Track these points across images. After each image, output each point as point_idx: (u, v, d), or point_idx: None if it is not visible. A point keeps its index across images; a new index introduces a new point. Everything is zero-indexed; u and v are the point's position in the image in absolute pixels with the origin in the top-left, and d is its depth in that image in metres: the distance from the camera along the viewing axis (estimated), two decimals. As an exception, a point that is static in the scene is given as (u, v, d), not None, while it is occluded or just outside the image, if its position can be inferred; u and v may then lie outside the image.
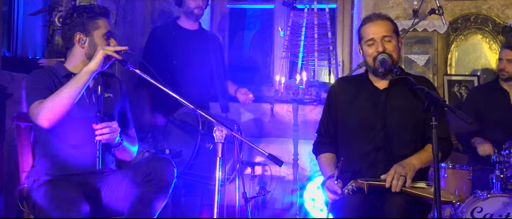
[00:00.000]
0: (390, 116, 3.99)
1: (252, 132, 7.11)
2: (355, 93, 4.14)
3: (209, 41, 6.04)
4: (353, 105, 4.11)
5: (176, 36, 5.96)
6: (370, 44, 4.02)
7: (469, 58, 6.87)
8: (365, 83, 4.16)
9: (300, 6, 6.67)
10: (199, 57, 5.98)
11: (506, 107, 5.90)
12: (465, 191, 5.42)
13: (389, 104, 4.02)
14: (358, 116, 4.08)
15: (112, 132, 3.82)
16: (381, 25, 4.03)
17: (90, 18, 3.97)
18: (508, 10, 6.82)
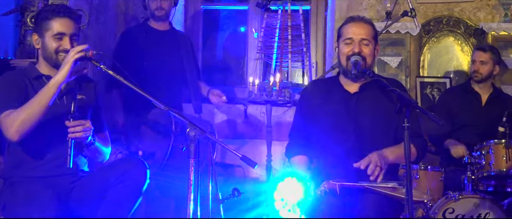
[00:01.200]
0: (361, 119, 4.00)
1: (226, 133, 7.10)
2: (327, 97, 4.14)
3: (180, 42, 6.03)
4: (325, 108, 4.11)
5: (147, 37, 5.95)
6: (347, 43, 4.03)
7: (441, 60, 6.92)
8: (336, 86, 4.17)
9: (274, 7, 6.67)
10: (170, 58, 5.96)
11: (478, 109, 5.94)
12: (437, 192, 5.45)
13: (360, 108, 4.03)
14: (330, 119, 4.08)
15: (85, 130, 3.78)
16: (362, 28, 4.05)
17: (44, 18, 3.90)
18: (480, 12, 6.88)
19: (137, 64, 5.77)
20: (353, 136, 3.98)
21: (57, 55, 3.89)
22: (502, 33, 6.57)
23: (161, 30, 6.00)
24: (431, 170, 5.51)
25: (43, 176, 3.88)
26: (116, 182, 3.79)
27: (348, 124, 4.02)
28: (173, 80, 5.97)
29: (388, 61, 6.79)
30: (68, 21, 3.91)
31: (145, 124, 5.12)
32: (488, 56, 5.88)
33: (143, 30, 6.00)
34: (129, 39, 5.97)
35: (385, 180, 3.80)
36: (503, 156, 5.28)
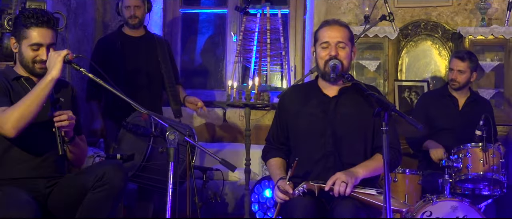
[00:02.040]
0: (339, 123, 4.00)
1: (205, 136, 7.09)
2: (305, 101, 4.14)
3: (156, 46, 6.03)
4: (303, 113, 4.11)
5: (122, 44, 5.95)
6: (324, 47, 4.03)
7: (419, 64, 6.96)
8: (315, 90, 4.17)
9: (253, 11, 6.68)
10: (147, 63, 5.96)
11: (455, 113, 5.98)
12: (415, 195, 5.48)
13: (339, 112, 4.03)
14: (307, 123, 4.08)
15: (70, 118, 3.77)
16: (338, 31, 4.05)
17: (22, 25, 3.87)
18: (457, 17, 6.93)
19: (114, 72, 5.76)
20: (331, 140, 3.98)
21: (34, 65, 3.89)
22: (479, 37, 6.61)
23: (136, 37, 6.01)
24: (409, 173, 5.53)
25: (20, 177, 3.85)
26: (94, 186, 3.77)
27: (326, 128, 4.01)
28: (151, 85, 5.97)
29: (366, 65, 6.82)
30: (45, 31, 3.88)
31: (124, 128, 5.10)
32: (466, 65, 5.90)
33: (118, 37, 6.00)
34: (105, 48, 5.98)
35: (364, 186, 3.82)
36: (480, 159, 5.32)
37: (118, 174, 3.81)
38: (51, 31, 3.90)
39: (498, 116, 6.39)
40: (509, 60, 6.65)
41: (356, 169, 3.87)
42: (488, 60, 6.72)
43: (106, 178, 3.77)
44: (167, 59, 6.05)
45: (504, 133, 6.49)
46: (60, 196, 3.89)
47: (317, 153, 4.01)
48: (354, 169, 3.87)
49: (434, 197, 5.17)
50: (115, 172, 3.80)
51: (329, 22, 4.10)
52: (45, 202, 3.89)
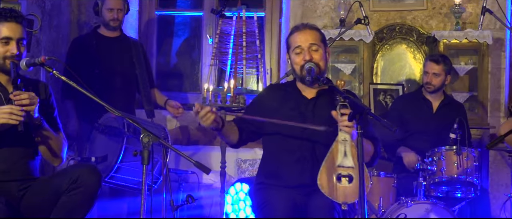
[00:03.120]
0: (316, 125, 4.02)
1: (180, 139, 7.07)
2: (283, 102, 4.15)
3: (131, 48, 6.02)
4: (280, 113, 4.10)
5: (97, 45, 5.93)
6: (298, 53, 4.05)
7: (394, 68, 7.00)
8: (293, 91, 4.19)
9: (229, 14, 6.67)
10: (122, 65, 5.95)
11: (429, 116, 6.02)
12: (390, 198, 5.51)
13: (316, 114, 4.05)
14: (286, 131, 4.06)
15: (31, 98, 3.73)
16: (308, 34, 4.07)
17: None
18: (432, 20, 6.97)
19: (89, 72, 5.74)
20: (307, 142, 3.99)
21: (4, 61, 3.86)
22: (453, 41, 6.66)
23: (112, 37, 6.00)
24: (383, 176, 5.56)
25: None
26: (68, 189, 3.74)
27: (302, 129, 4.01)
28: (125, 87, 5.96)
29: (342, 68, 6.84)
30: (15, 26, 3.87)
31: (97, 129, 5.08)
32: (440, 68, 5.94)
33: (93, 38, 5.98)
34: (79, 48, 5.96)
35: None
36: (454, 162, 5.37)
37: (92, 177, 3.79)
38: (20, 26, 3.90)
39: (472, 119, 6.44)
40: (482, 64, 6.70)
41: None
42: (462, 64, 6.76)
43: (81, 180, 3.74)
44: (141, 61, 6.04)
45: (478, 136, 6.54)
46: (33, 199, 3.86)
47: (293, 155, 4.02)
48: None
49: (409, 200, 5.21)
50: (89, 175, 3.78)
51: (299, 27, 4.14)
52: (18, 205, 3.86)
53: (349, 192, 3.65)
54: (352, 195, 3.64)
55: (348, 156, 3.69)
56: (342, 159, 3.70)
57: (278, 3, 7.30)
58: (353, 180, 3.66)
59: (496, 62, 6.88)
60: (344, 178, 3.67)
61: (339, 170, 3.70)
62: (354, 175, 3.65)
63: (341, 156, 3.70)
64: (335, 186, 3.66)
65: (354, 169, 3.66)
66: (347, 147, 3.69)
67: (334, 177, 3.69)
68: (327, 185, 3.69)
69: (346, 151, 3.69)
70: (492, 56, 6.83)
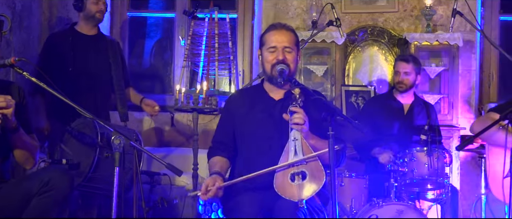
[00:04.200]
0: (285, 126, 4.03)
1: (153, 141, 7.05)
2: (252, 105, 4.18)
3: (108, 47, 5.96)
4: (249, 117, 4.14)
5: (74, 42, 5.85)
6: (272, 51, 4.07)
7: (366, 69, 7.03)
8: (261, 94, 4.22)
9: (201, 15, 6.66)
10: (98, 64, 5.89)
11: (401, 118, 6.06)
12: (362, 199, 5.53)
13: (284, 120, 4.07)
14: (254, 127, 4.12)
15: (7, 101, 3.71)
16: (285, 35, 4.09)
17: None
18: (403, 23, 7.02)
19: (63, 69, 5.69)
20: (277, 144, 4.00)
21: None
22: (424, 43, 6.71)
23: (89, 35, 5.93)
24: (355, 178, 5.59)
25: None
26: (39, 192, 3.73)
27: (272, 132, 4.05)
28: (100, 87, 5.90)
29: (314, 70, 6.86)
30: None
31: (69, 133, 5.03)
32: (410, 67, 6.01)
33: (70, 35, 5.90)
34: (55, 44, 5.87)
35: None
36: (425, 163, 5.41)
37: (63, 180, 3.78)
38: None
39: (443, 121, 6.50)
40: (453, 66, 6.76)
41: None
42: (433, 65, 6.81)
43: (52, 183, 3.73)
44: (118, 61, 5.99)
45: (449, 137, 6.59)
46: (3, 202, 3.84)
47: (264, 157, 4.02)
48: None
49: (380, 201, 5.24)
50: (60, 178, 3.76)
51: (276, 26, 4.14)
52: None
53: (304, 189, 3.64)
54: (307, 191, 3.63)
55: (299, 153, 3.70)
56: (293, 158, 3.71)
57: (250, 5, 7.31)
58: (307, 176, 3.66)
59: (466, 64, 6.95)
60: (297, 176, 3.68)
61: (291, 169, 3.71)
62: (307, 171, 3.66)
63: (292, 155, 3.72)
64: (289, 185, 3.66)
65: (306, 164, 3.67)
66: (298, 145, 3.70)
67: (288, 177, 3.69)
68: (282, 187, 3.69)
69: (296, 149, 3.70)
70: (463, 58, 6.89)
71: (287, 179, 3.68)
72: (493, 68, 7.14)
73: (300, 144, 3.70)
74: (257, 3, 7.23)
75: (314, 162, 3.67)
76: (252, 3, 7.29)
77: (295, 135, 3.72)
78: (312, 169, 3.65)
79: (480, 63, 7.11)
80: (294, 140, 3.72)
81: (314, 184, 3.62)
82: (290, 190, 3.64)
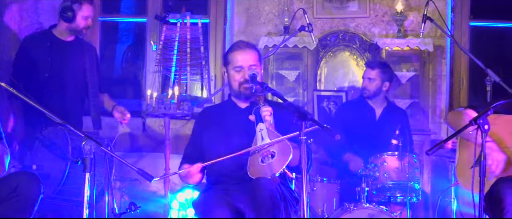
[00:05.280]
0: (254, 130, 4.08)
1: (124, 146, 7.01)
2: (220, 119, 4.36)
3: (85, 52, 5.93)
4: (219, 131, 4.30)
5: (51, 47, 5.80)
6: (238, 71, 4.25)
7: (337, 74, 7.05)
8: (228, 105, 4.43)
9: (173, 20, 6.64)
10: (74, 70, 5.85)
11: (372, 123, 6.09)
12: (334, 204, 5.55)
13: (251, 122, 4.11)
14: (224, 139, 4.25)
15: None
16: (249, 55, 4.28)
17: None
18: (375, 28, 7.06)
19: (39, 74, 5.64)
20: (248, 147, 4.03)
21: None
22: (395, 48, 6.75)
23: (67, 41, 5.87)
24: (327, 182, 5.61)
25: None
26: (8, 197, 3.70)
27: (241, 141, 4.14)
28: (75, 93, 5.87)
29: (286, 75, 6.87)
30: None
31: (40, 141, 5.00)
32: (375, 73, 6.05)
33: (47, 39, 5.83)
34: (32, 48, 5.79)
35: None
36: (396, 168, 5.44)
37: (31, 185, 3.75)
38: None
39: (414, 125, 6.55)
40: (424, 71, 6.81)
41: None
42: (404, 70, 6.86)
43: (20, 189, 3.70)
44: (93, 67, 5.95)
45: (419, 142, 6.64)
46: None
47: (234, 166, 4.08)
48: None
49: (352, 205, 5.25)
50: (28, 183, 3.74)
51: (241, 46, 4.33)
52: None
53: (274, 165, 3.82)
54: (277, 166, 3.81)
55: (265, 138, 3.90)
56: (260, 143, 3.90)
57: (222, 10, 7.31)
58: (276, 154, 3.86)
59: (437, 69, 7.00)
60: (266, 158, 3.87)
61: (261, 152, 3.90)
62: (275, 150, 3.86)
63: (259, 141, 3.91)
64: (261, 166, 3.86)
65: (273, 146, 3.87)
66: (264, 133, 3.92)
67: (258, 160, 3.89)
68: (255, 170, 3.89)
69: (263, 136, 3.91)
70: (433, 64, 6.95)
71: (258, 162, 3.88)
72: (463, 74, 7.20)
73: (266, 131, 3.91)
74: (229, 8, 7.24)
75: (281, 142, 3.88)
76: (224, 8, 7.29)
77: (261, 126, 3.95)
78: (280, 147, 3.86)
79: (451, 68, 7.17)
80: (260, 130, 3.93)
81: (283, 159, 3.83)
82: (262, 170, 3.84)
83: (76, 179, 4.71)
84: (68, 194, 4.83)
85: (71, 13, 5.75)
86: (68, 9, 5.77)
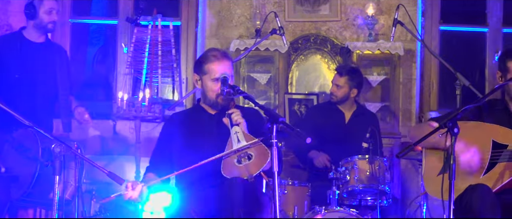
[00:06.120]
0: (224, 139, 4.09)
1: (95, 149, 6.97)
2: (190, 126, 4.33)
3: (55, 54, 5.87)
4: (190, 137, 4.28)
5: (21, 48, 5.74)
6: (216, 82, 4.23)
7: (309, 78, 7.07)
8: (198, 112, 4.40)
9: (144, 22, 6.62)
10: (45, 72, 5.80)
11: (342, 126, 6.11)
12: (304, 207, 5.56)
13: (221, 127, 4.12)
14: (194, 145, 4.23)
15: None
16: (226, 65, 4.27)
17: None
18: (346, 31, 7.09)
19: (8, 76, 5.58)
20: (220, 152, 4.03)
21: None
22: (366, 52, 6.79)
23: (38, 42, 5.81)
24: (298, 185, 5.62)
25: None
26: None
27: (211, 146, 4.15)
28: (46, 95, 5.81)
29: (257, 78, 6.88)
30: None
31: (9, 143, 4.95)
32: (343, 80, 6.07)
33: (17, 41, 5.77)
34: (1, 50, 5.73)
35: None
36: (367, 171, 5.46)
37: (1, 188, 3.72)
38: None
39: (384, 129, 6.58)
40: (394, 75, 6.86)
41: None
42: (375, 74, 6.90)
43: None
44: (64, 69, 5.90)
45: (390, 145, 6.68)
46: None
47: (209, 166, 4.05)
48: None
49: (322, 208, 5.26)
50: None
51: (217, 56, 4.30)
52: None
53: (251, 166, 3.86)
54: (254, 167, 3.85)
55: (242, 140, 3.94)
56: (237, 145, 3.93)
57: (194, 13, 7.30)
58: (253, 156, 3.89)
59: (407, 73, 7.05)
60: (243, 159, 3.91)
61: (237, 154, 3.92)
62: (253, 152, 3.89)
63: (235, 143, 3.94)
64: (237, 167, 3.88)
65: (250, 148, 3.90)
66: (240, 135, 3.96)
67: (234, 161, 3.91)
68: (230, 170, 3.90)
69: (239, 138, 3.95)
70: (404, 67, 7.00)
71: (234, 162, 3.90)
72: (433, 78, 7.26)
73: (241, 134, 3.96)
74: (201, 11, 7.23)
75: (258, 145, 3.90)
76: (196, 11, 7.28)
77: (236, 129, 3.99)
78: (258, 150, 3.89)
79: (421, 72, 7.22)
80: (236, 133, 3.97)
81: (260, 162, 3.85)
82: (238, 170, 3.87)
83: (46, 181, 4.68)
84: (38, 196, 4.79)
85: (33, 9, 5.72)
86: (30, 5, 5.74)
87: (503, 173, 4.05)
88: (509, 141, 4.09)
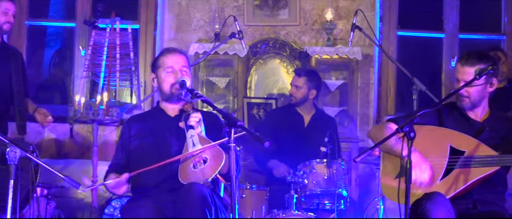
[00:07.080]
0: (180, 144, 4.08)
1: (51, 152, 6.90)
2: (149, 127, 4.30)
3: (10, 57, 5.80)
4: (148, 139, 4.26)
5: None
6: (169, 72, 4.22)
7: (268, 82, 7.09)
8: (157, 113, 4.37)
9: (102, 25, 6.57)
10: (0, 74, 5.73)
11: (301, 130, 6.13)
12: (262, 211, 5.56)
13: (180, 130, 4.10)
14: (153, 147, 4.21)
15: None
16: (180, 58, 4.28)
17: None
18: (305, 36, 7.12)
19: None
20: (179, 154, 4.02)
21: None
22: (325, 56, 6.82)
23: None
24: (256, 189, 5.62)
25: None
26: None
27: (171, 147, 4.15)
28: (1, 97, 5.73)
29: (216, 82, 6.87)
30: None
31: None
32: (302, 81, 6.10)
33: None
34: None
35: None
36: (325, 175, 5.48)
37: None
38: None
39: (342, 133, 6.62)
40: (352, 79, 6.91)
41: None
42: (333, 79, 6.94)
43: None
44: (19, 72, 5.83)
45: (348, 149, 6.72)
46: None
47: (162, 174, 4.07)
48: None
49: (281, 212, 5.27)
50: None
51: (170, 50, 4.35)
52: None
53: (207, 170, 3.86)
54: (209, 171, 3.86)
55: (197, 144, 3.92)
56: (192, 149, 3.91)
57: (152, 16, 7.27)
58: (208, 160, 3.89)
59: (365, 77, 7.11)
60: (198, 163, 3.90)
61: (192, 159, 3.92)
62: (207, 156, 3.89)
63: (190, 147, 3.92)
64: (194, 172, 3.88)
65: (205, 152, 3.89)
66: (195, 139, 3.93)
67: (190, 166, 3.91)
68: (186, 176, 3.90)
69: (194, 142, 3.92)
70: (362, 72, 7.05)
71: (190, 168, 3.90)
72: (390, 82, 7.33)
73: (197, 138, 3.93)
74: (160, 14, 7.20)
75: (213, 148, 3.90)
76: (155, 14, 7.25)
77: (192, 133, 3.95)
78: (212, 153, 3.88)
79: (379, 77, 7.29)
80: (191, 136, 3.94)
81: (216, 164, 3.85)
82: (194, 176, 3.86)
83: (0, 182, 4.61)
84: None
85: None
86: None
87: (458, 179, 4.08)
88: (466, 147, 4.13)
